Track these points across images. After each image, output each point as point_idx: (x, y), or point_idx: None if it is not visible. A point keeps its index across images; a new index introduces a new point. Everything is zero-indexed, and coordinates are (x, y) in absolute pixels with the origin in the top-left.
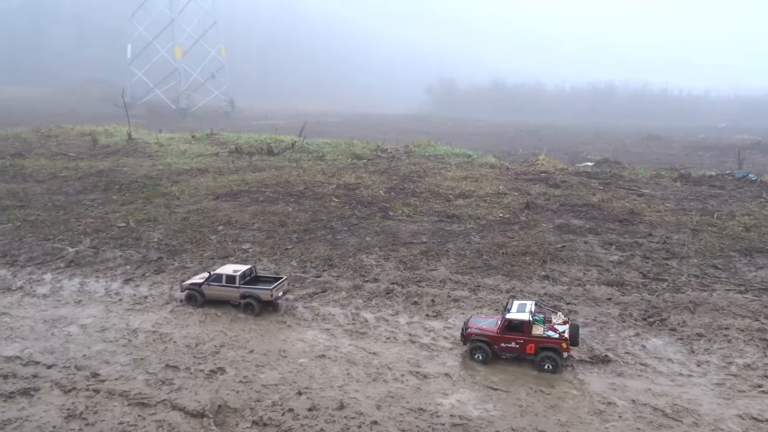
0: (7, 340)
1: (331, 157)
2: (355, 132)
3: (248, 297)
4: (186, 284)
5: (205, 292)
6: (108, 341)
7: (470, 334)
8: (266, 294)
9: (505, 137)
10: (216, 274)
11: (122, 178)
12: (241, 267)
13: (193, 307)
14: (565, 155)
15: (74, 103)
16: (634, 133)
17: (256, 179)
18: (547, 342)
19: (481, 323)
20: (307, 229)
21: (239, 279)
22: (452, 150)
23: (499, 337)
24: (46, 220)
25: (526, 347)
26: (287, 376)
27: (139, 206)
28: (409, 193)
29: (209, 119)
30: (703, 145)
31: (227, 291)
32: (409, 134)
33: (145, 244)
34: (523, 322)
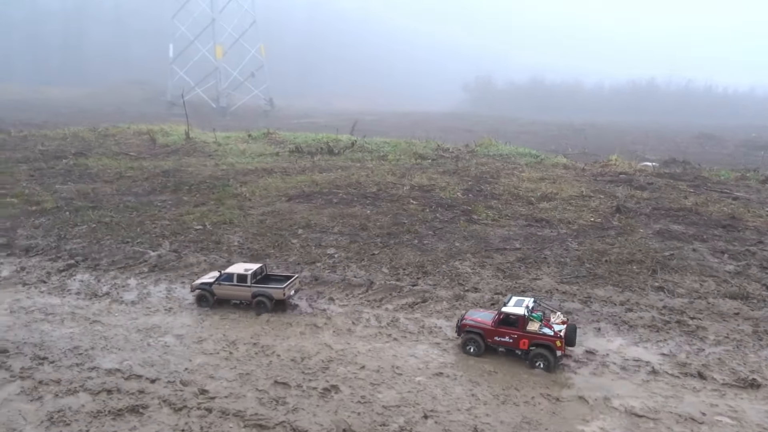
0: (103, 350)
1: (393, 156)
2: (397, 131)
3: (260, 296)
4: (196, 284)
5: (216, 291)
6: (208, 353)
7: (465, 325)
8: (278, 293)
9: (549, 135)
10: (227, 274)
11: (189, 178)
12: (252, 265)
13: (205, 307)
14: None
15: (118, 103)
16: (682, 131)
17: (326, 180)
18: (541, 339)
19: (477, 316)
20: (391, 233)
21: (251, 278)
22: (516, 149)
23: (493, 330)
24: (121, 222)
25: (520, 342)
26: (407, 396)
27: (212, 208)
28: (488, 195)
29: (248, 118)
30: (758, 145)
31: (239, 290)
32: (451, 132)
33: (226, 248)
34: (518, 316)
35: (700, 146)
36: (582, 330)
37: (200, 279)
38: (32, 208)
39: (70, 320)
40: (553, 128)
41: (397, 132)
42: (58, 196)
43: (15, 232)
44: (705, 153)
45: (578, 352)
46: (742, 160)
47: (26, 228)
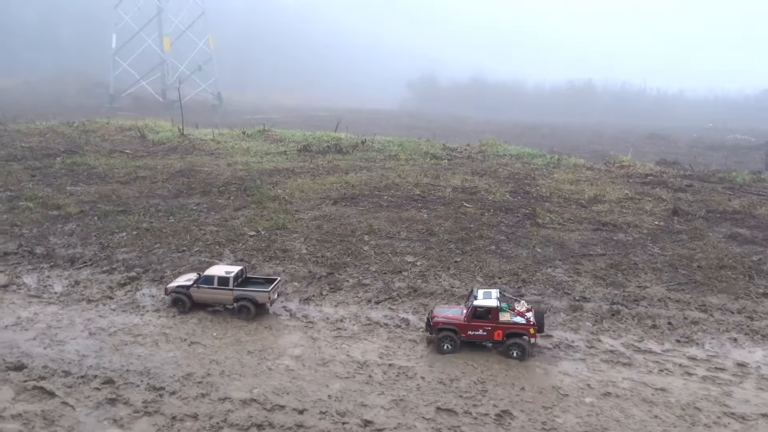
0: (223, 377)
1: (404, 156)
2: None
3: (243, 300)
4: (171, 287)
5: (194, 295)
6: (343, 377)
7: (437, 323)
8: (264, 296)
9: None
10: (207, 276)
11: (212, 179)
12: (233, 267)
13: (180, 311)
14: (585, 154)
15: (54, 95)
16: (630, 131)
17: (359, 181)
18: (515, 328)
19: (447, 312)
20: (463, 239)
21: (233, 281)
22: (523, 150)
23: (467, 325)
24: (164, 228)
25: (494, 334)
26: (589, 420)
27: (256, 211)
28: (536, 197)
29: (197, 112)
30: (708, 145)
31: (219, 294)
32: (409, 130)
33: (298, 257)
34: (490, 308)
35: (654, 146)
36: (718, 342)
37: (176, 282)
38: (53, 212)
39: (164, 342)
40: (509, 127)
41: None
42: (78, 199)
43: (47, 239)
44: (662, 153)
45: (728, 365)
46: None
47: (58, 235)
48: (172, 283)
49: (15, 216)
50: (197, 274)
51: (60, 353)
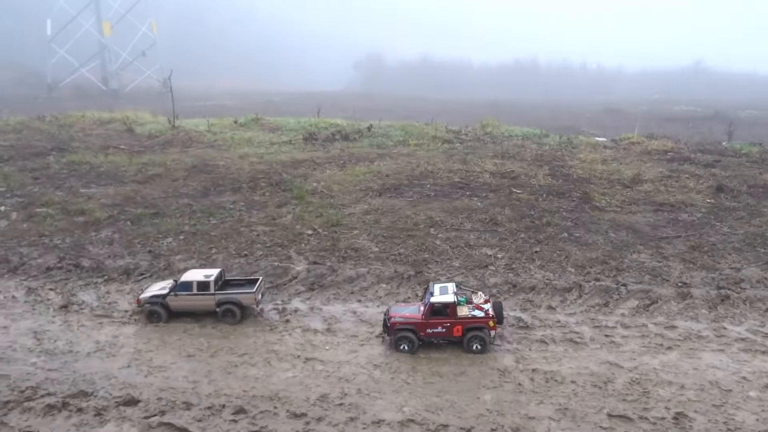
0: (362, 396)
1: (413, 141)
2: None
3: (227, 303)
4: (145, 298)
5: (171, 304)
6: (490, 387)
7: (394, 324)
8: (249, 298)
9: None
10: (184, 282)
11: (234, 174)
12: (210, 271)
13: (156, 323)
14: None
15: None
16: (583, 106)
17: (391, 171)
18: (474, 322)
19: (404, 311)
20: (530, 227)
21: (213, 284)
22: (525, 130)
23: (425, 323)
24: (210, 231)
25: (453, 330)
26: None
27: (301, 208)
28: (577, 179)
29: (142, 100)
30: (663, 116)
31: (200, 300)
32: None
33: (374, 256)
34: (447, 304)
35: (613, 120)
36: None
37: (148, 292)
38: (79, 219)
39: (276, 360)
40: (468, 106)
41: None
42: (99, 202)
43: (86, 250)
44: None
45: None
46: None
47: (97, 244)
48: (144, 293)
49: (38, 225)
50: (172, 281)
51: (167, 381)
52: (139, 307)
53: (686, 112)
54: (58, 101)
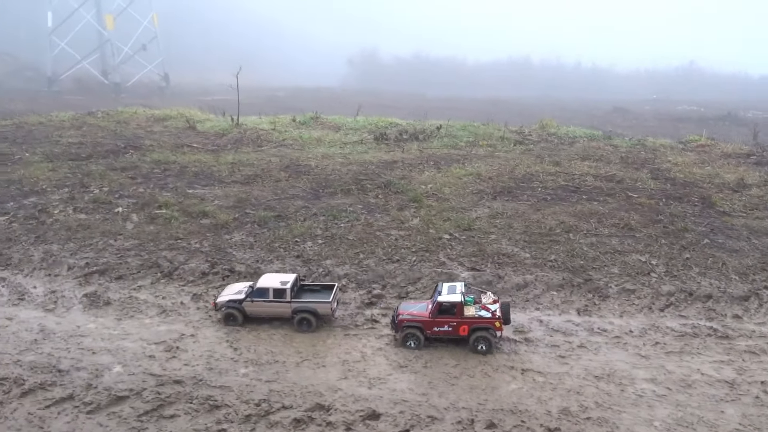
0: (603, 409)
1: (484, 142)
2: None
3: (303, 312)
4: (222, 302)
5: (247, 309)
6: (728, 401)
7: (402, 321)
8: (325, 308)
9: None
10: (261, 288)
11: (332, 175)
12: (287, 277)
13: (233, 325)
14: None
15: None
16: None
17: (489, 173)
18: (480, 322)
19: (411, 309)
20: (666, 233)
21: (290, 292)
22: (587, 131)
23: (432, 322)
24: (345, 235)
25: (459, 329)
26: None
27: (424, 211)
28: (684, 183)
29: (143, 94)
30: (673, 117)
31: (276, 307)
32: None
33: (531, 262)
34: (454, 303)
35: (624, 119)
36: None
37: (224, 295)
38: (204, 221)
39: (492, 371)
40: (471, 103)
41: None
42: (216, 204)
43: (230, 254)
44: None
45: None
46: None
47: (237, 248)
48: (221, 296)
49: (166, 228)
50: (249, 286)
51: (394, 393)
52: (215, 309)
53: (693, 112)
54: (60, 95)
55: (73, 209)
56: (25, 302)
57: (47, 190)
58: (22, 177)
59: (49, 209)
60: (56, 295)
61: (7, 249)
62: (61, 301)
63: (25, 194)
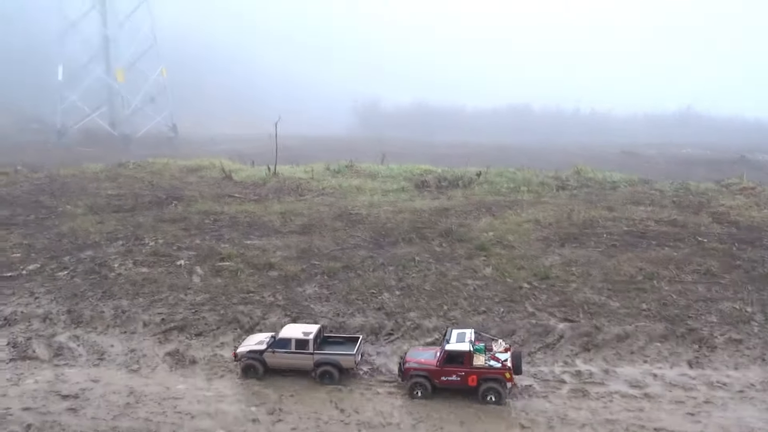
0: None
1: (525, 188)
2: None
3: (326, 365)
4: (243, 352)
5: (268, 360)
6: None
7: (408, 369)
8: (349, 361)
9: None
10: (282, 339)
11: (387, 223)
12: (310, 327)
13: (252, 377)
14: None
15: None
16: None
17: (546, 219)
18: (490, 373)
19: (419, 356)
20: (753, 278)
21: (313, 343)
22: (624, 176)
23: (439, 371)
24: (421, 286)
25: (468, 379)
26: None
27: (496, 260)
28: (749, 227)
29: (152, 145)
30: (682, 160)
31: (298, 358)
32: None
33: (623, 312)
34: (463, 352)
35: (636, 163)
36: None
37: (245, 346)
38: (272, 273)
39: None
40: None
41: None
42: (278, 255)
43: (307, 307)
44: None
45: None
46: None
47: (313, 301)
48: (241, 347)
49: (233, 280)
50: (271, 337)
51: None
52: (235, 360)
53: (700, 156)
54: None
55: (134, 263)
56: (106, 362)
57: (101, 243)
58: (71, 230)
59: (109, 263)
60: (137, 354)
61: (75, 305)
62: (143, 361)
63: (79, 247)
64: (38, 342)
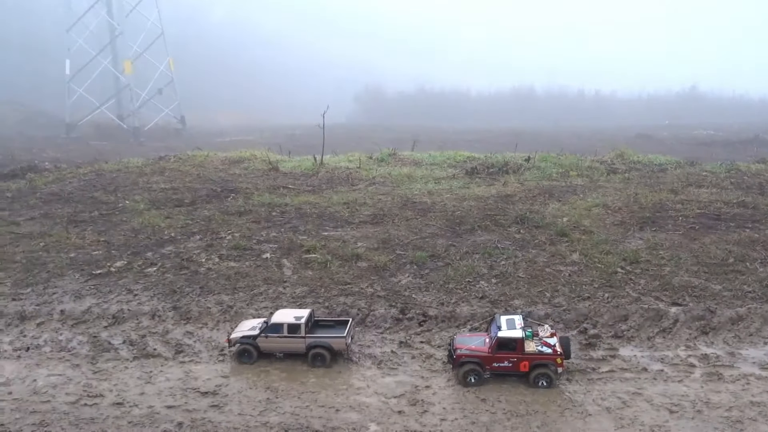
0: None
1: (574, 173)
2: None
3: (318, 347)
4: (236, 337)
5: (261, 345)
6: None
7: (460, 356)
8: (340, 343)
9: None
10: (275, 324)
11: (460, 212)
12: (301, 312)
13: (246, 362)
14: None
15: None
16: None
17: (615, 204)
18: (542, 358)
19: (470, 343)
20: None
21: (304, 327)
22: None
23: (492, 357)
24: (514, 273)
25: (520, 365)
26: None
27: (581, 245)
28: None
29: (161, 137)
30: (698, 141)
31: (290, 342)
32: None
33: (728, 294)
34: (515, 339)
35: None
36: None
37: (238, 331)
38: (361, 264)
39: None
40: (489, 135)
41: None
42: (360, 246)
43: (408, 297)
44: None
45: None
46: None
47: (412, 291)
48: (234, 332)
49: (325, 273)
50: (263, 322)
51: None
52: (229, 346)
53: (712, 137)
54: (81, 140)
55: (219, 257)
56: (228, 357)
57: (178, 238)
58: (143, 225)
59: (194, 258)
60: None
61: (177, 302)
62: (263, 355)
63: (158, 243)
64: (153, 339)
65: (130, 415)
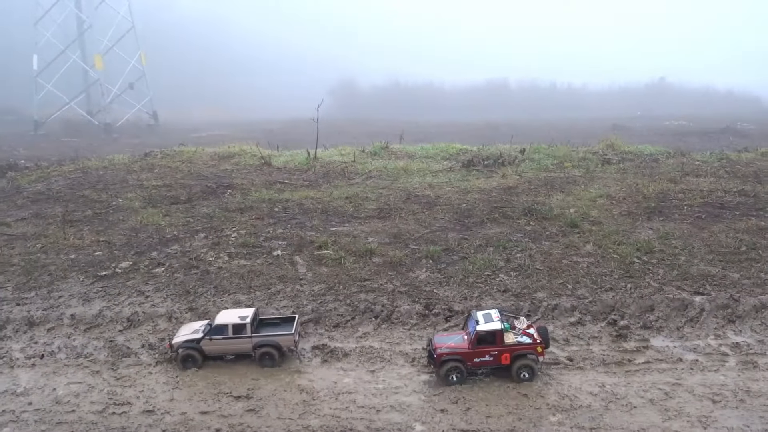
0: None
1: (568, 164)
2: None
3: (265, 346)
4: (178, 342)
5: (206, 348)
6: None
7: (441, 355)
8: (288, 340)
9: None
10: (219, 325)
11: (466, 204)
12: (245, 311)
13: (191, 368)
14: None
15: None
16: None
17: (617, 194)
18: (523, 348)
19: (448, 341)
20: None
21: (250, 327)
22: (656, 148)
23: (472, 353)
24: (533, 265)
25: (501, 357)
26: None
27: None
28: None
29: (134, 133)
30: (672, 132)
31: (236, 343)
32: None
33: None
34: (494, 331)
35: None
36: None
37: (180, 336)
38: (376, 259)
39: None
40: (467, 128)
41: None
42: (370, 241)
43: (430, 293)
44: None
45: None
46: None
47: (432, 285)
48: (176, 337)
49: (341, 269)
50: (206, 324)
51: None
52: (171, 351)
53: (684, 127)
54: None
55: (228, 255)
56: (253, 358)
57: (181, 237)
58: (142, 224)
59: (203, 257)
60: None
61: (193, 303)
62: (292, 356)
63: (162, 242)
64: None
65: (163, 422)
